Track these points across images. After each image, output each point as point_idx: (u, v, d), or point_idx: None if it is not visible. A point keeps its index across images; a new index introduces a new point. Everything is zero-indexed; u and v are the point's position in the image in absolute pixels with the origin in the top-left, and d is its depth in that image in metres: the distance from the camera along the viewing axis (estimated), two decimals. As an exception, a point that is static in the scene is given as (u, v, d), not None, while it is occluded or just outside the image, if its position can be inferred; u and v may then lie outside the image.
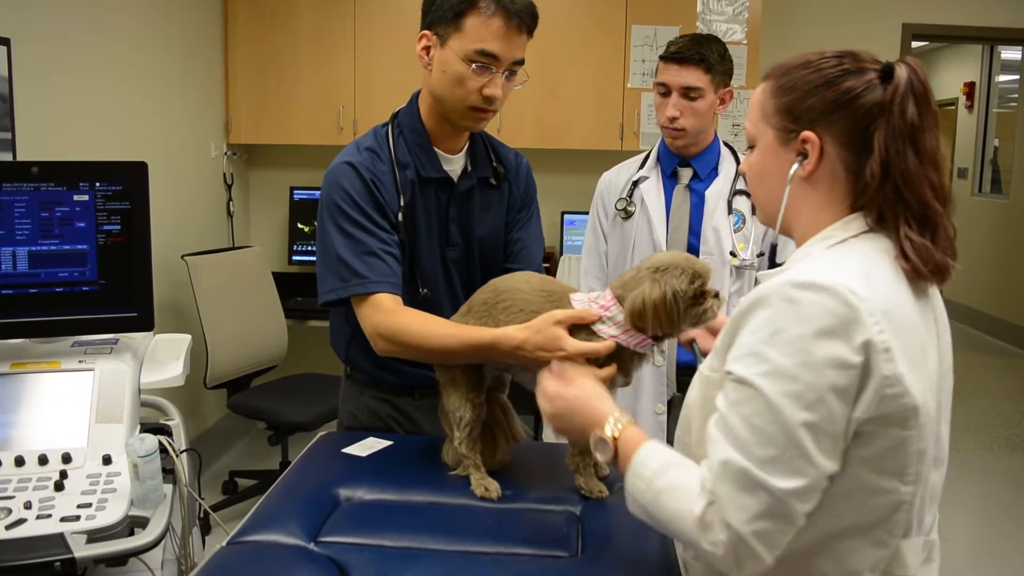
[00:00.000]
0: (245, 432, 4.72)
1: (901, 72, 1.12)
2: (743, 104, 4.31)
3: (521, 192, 1.93)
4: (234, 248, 4.46)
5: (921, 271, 1.11)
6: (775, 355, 1.03)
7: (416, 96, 1.82)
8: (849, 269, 1.07)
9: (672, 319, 1.39)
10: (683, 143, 2.30)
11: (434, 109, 1.76)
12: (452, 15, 1.64)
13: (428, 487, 1.49)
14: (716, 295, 1.42)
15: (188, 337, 2.06)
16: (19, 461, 1.65)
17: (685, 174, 2.34)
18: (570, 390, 1.29)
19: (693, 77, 2.21)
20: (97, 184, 1.85)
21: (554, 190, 4.52)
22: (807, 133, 1.15)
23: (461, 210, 1.83)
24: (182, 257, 3.82)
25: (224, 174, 4.61)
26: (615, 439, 1.18)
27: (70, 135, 3.17)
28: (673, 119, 2.24)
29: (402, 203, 1.74)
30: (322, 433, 1.81)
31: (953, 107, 8.91)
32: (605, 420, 1.21)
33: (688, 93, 2.22)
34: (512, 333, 1.48)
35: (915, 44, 5.10)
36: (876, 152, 1.11)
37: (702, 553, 1.06)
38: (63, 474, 1.63)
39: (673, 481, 1.09)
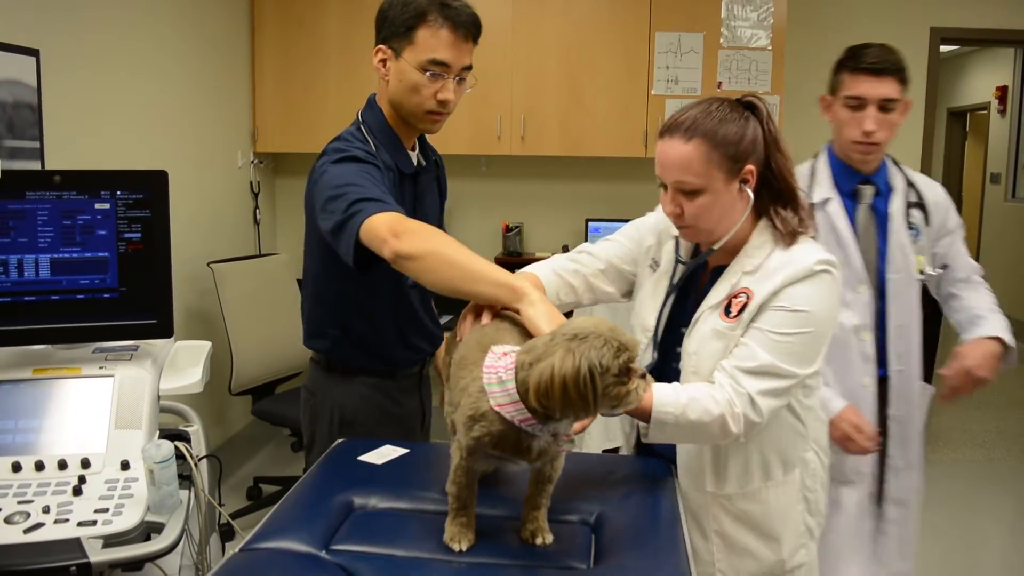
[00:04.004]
0: (270, 438, 4.75)
1: (759, 104, 1.58)
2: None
3: (445, 181, 2.16)
4: (260, 255, 4.50)
5: (786, 236, 1.59)
6: (816, 300, 1.53)
7: (373, 100, 1.96)
8: (817, 247, 1.60)
9: (586, 399, 1.14)
10: (875, 157, 2.18)
11: (394, 114, 1.92)
12: (404, 29, 1.81)
13: (442, 496, 1.48)
14: (644, 376, 1.20)
15: (208, 344, 2.07)
16: (39, 466, 1.67)
17: (867, 192, 2.20)
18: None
19: (891, 88, 2.11)
20: (118, 192, 1.86)
21: (578, 197, 4.52)
22: (750, 167, 1.56)
23: (421, 201, 2.01)
24: (208, 264, 3.86)
25: (251, 182, 4.66)
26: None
27: (98, 145, 3.21)
28: (870, 133, 2.11)
29: None
30: (339, 441, 1.81)
31: (985, 111, 8.76)
32: None
33: (886, 105, 2.11)
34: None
35: (944, 48, 5.02)
36: (772, 164, 1.57)
37: (730, 434, 1.50)
38: (81, 479, 1.64)
39: (690, 392, 1.50)
